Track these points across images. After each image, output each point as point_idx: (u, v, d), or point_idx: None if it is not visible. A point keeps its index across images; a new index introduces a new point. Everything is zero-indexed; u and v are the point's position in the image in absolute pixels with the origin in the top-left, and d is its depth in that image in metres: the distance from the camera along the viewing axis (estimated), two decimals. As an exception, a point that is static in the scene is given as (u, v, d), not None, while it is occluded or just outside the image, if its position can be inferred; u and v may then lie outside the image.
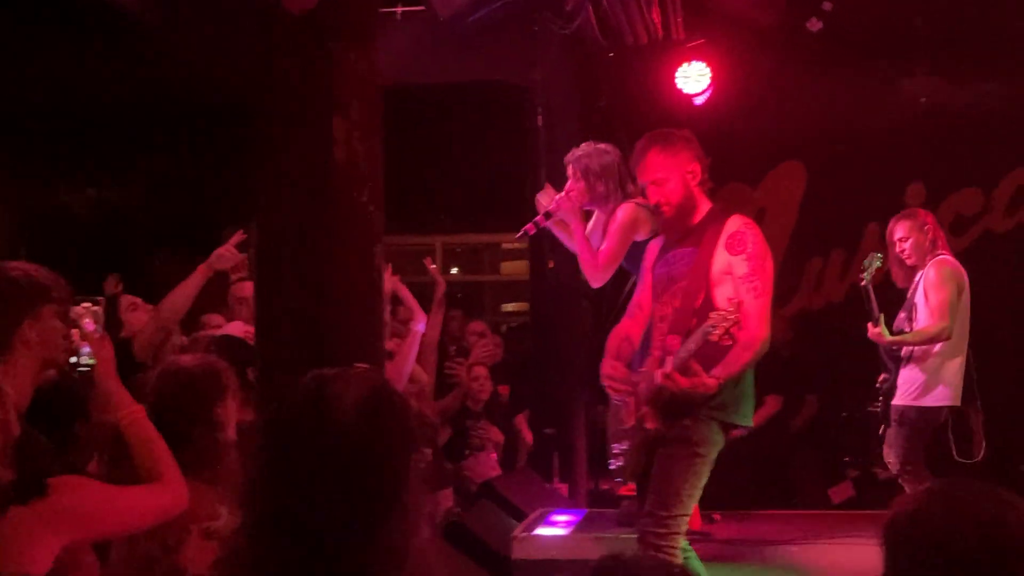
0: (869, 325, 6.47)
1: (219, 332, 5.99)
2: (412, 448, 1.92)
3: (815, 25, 7.75)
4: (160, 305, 5.21)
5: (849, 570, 6.42)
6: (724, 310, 4.18)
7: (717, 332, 4.11)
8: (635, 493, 7.65)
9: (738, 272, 4.44)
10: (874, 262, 6.63)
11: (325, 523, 1.77)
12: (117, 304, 5.42)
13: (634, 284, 5.29)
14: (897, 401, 6.46)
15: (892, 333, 6.48)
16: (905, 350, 6.45)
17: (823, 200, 9.53)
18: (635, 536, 4.59)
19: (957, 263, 6.64)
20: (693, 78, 8.72)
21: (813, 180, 9.64)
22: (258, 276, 3.79)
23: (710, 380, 4.25)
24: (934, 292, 6.36)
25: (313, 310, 3.63)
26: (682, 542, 4.57)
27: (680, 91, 8.82)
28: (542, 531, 5.52)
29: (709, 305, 4.39)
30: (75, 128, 10.13)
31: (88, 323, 3.05)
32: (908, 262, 6.50)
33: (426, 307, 9.68)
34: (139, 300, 5.63)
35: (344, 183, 3.66)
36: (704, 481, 4.53)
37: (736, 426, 4.60)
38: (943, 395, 6.37)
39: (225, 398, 3.27)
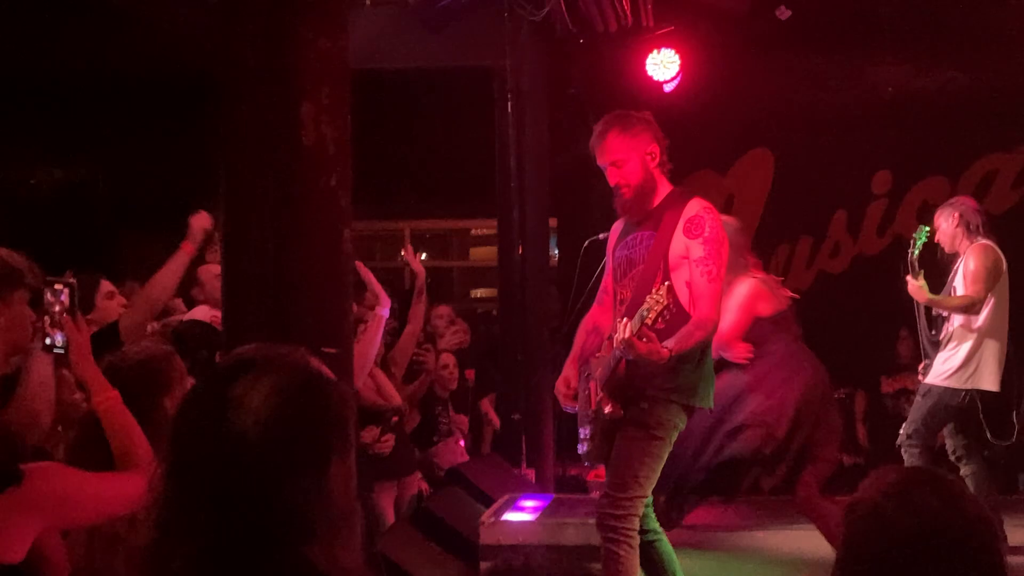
0: (908, 278, 6.55)
1: (186, 317, 5.97)
2: (332, 449, 1.73)
3: (784, 13, 7.77)
4: (148, 287, 5.12)
5: (814, 555, 6.48)
6: (655, 294, 4.16)
7: (651, 316, 4.12)
8: (604, 479, 7.72)
9: (694, 255, 4.42)
10: (922, 235, 6.68)
11: (224, 535, 1.65)
12: (96, 288, 5.35)
13: (603, 270, 5.23)
14: (929, 380, 6.52)
15: (929, 317, 6.59)
16: (944, 334, 6.51)
17: (791, 187, 9.59)
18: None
19: (997, 249, 6.65)
20: (663, 65, 8.73)
21: (781, 167, 9.70)
22: (224, 260, 3.77)
23: (663, 350, 4.21)
24: (972, 263, 6.42)
25: (280, 295, 3.61)
26: (654, 524, 4.61)
27: (650, 78, 8.83)
28: (510, 516, 5.53)
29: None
30: (42, 107, 10.02)
31: (58, 308, 3.02)
32: (948, 250, 6.57)
33: (396, 293, 9.69)
34: (115, 289, 5.59)
35: (312, 167, 3.63)
36: (662, 464, 4.49)
37: (696, 408, 4.57)
38: (974, 378, 6.41)
39: (172, 387, 3.23)
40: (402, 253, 7.36)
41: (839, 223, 9.85)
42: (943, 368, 6.41)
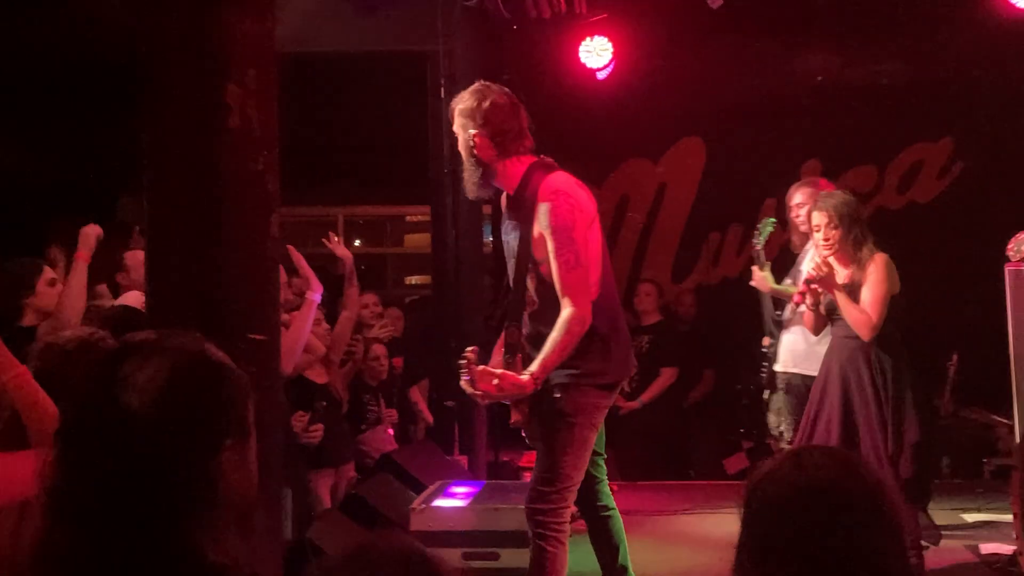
0: (754, 269, 6.61)
1: (117, 303, 5.89)
2: (224, 430, 1.71)
3: (715, 2, 7.82)
4: (58, 309, 5.15)
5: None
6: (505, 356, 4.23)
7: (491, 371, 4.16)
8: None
9: (549, 248, 4.24)
10: (767, 227, 6.75)
11: (112, 516, 1.63)
12: (39, 274, 5.32)
13: None
14: (780, 367, 6.59)
15: (773, 299, 6.68)
16: (787, 316, 6.59)
17: (722, 175, 9.68)
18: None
19: None
20: (596, 53, 8.77)
21: (712, 156, 9.78)
22: (149, 246, 3.71)
23: (525, 381, 4.15)
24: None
25: (207, 281, 3.57)
26: (608, 500, 4.54)
27: (583, 65, 8.87)
28: (440, 503, 5.53)
29: (542, 288, 4.29)
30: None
31: None
32: (802, 228, 6.59)
33: (329, 279, 9.63)
34: (56, 277, 5.53)
35: (238, 151, 3.59)
36: (588, 448, 4.38)
37: (614, 385, 4.44)
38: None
39: None
40: (330, 236, 7.29)
41: (769, 211, 9.94)
42: (793, 356, 6.49)
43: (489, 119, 4.36)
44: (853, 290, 5.61)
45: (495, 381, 4.13)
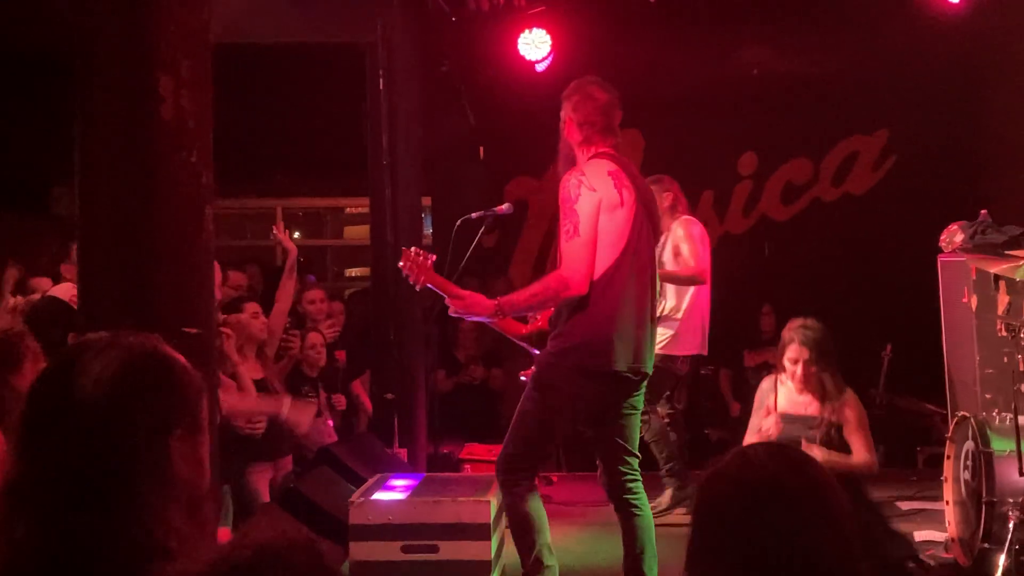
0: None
1: (49, 294, 5.81)
2: (174, 421, 1.79)
3: (653, -5, 7.86)
4: None
5: (684, 528, 6.61)
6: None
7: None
8: (477, 455, 7.74)
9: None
10: None
11: (66, 500, 1.70)
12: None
13: (475, 247, 5.57)
14: None
15: None
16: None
17: (659, 168, 9.68)
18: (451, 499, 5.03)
19: (703, 226, 6.86)
20: (534, 45, 8.77)
21: (650, 148, 9.81)
22: (80, 238, 3.66)
23: (490, 304, 4.56)
24: (689, 243, 6.56)
25: (139, 274, 3.53)
26: (636, 499, 4.63)
27: (522, 57, 8.86)
28: (379, 496, 5.49)
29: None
30: None
31: None
32: None
33: (267, 272, 9.55)
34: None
35: (171, 143, 3.55)
36: (551, 427, 4.56)
37: (600, 373, 4.45)
38: (684, 345, 6.67)
39: (22, 365, 3.19)
40: (273, 231, 7.24)
41: (706, 203, 10.03)
42: (659, 339, 6.57)
43: (579, 107, 4.70)
44: (831, 427, 5.59)
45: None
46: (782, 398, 5.73)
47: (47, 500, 1.70)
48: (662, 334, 6.50)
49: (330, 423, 7.13)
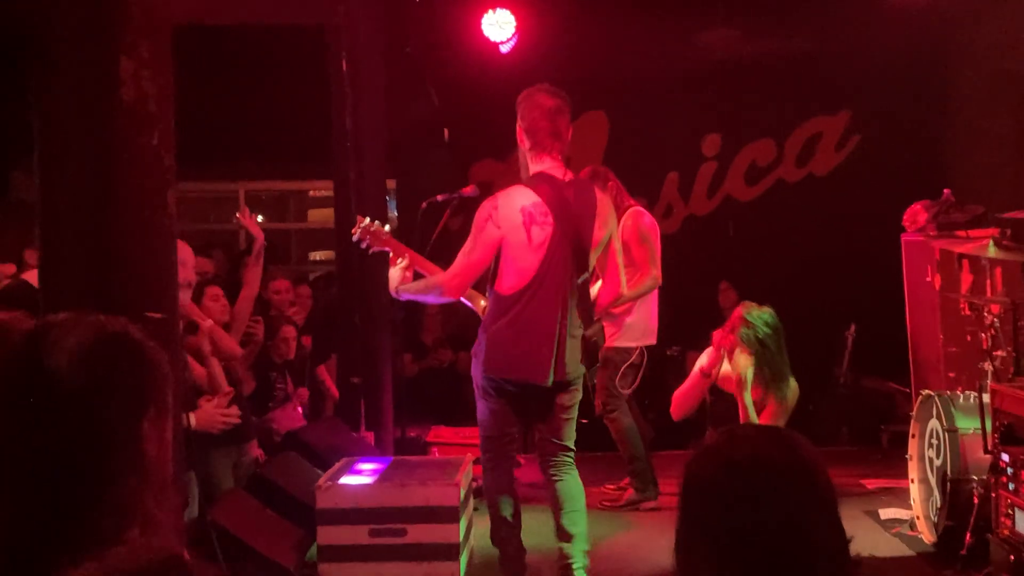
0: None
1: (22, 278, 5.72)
2: (145, 402, 1.75)
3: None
4: None
5: (645, 507, 6.64)
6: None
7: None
8: (445, 439, 7.74)
9: None
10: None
11: (37, 478, 1.66)
12: None
13: (442, 230, 5.86)
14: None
15: None
16: None
17: (625, 150, 9.72)
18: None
19: (652, 218, 6.86)
20: (498, 25, 8.74)
21: (615, 130, 9.82)
22: (41, 223, 3.60)
23: (394, 283, 5.11)
24: (641, 244, 6.55)
25: (101, 258, 3.47)
26: (559, 468, 4.97)
27: (486, 38, 8.82)
28: (346, 480, 5.48)
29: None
30: None
31: None
32: None
33: (230, 255, 9.48)
34: None
35: (132, 125, 3.49)
36: (493, 419, 4.93)
37: (504, 382, 4.88)
38: (634, 336, 6.66)
39: None
40: (237, 216, 7.16)
41: (671, 185, 10.05)
42: (611, 331, 6.59)
43: (526, 114, 4.96)
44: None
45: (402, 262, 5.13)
46: (723, 368, 6.38)
47: (13, 478, 1.66)
48: (613, 327, 6.53)
49: (299, 409, 7.10)
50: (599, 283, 5.23)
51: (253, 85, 10.13)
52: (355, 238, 5.25)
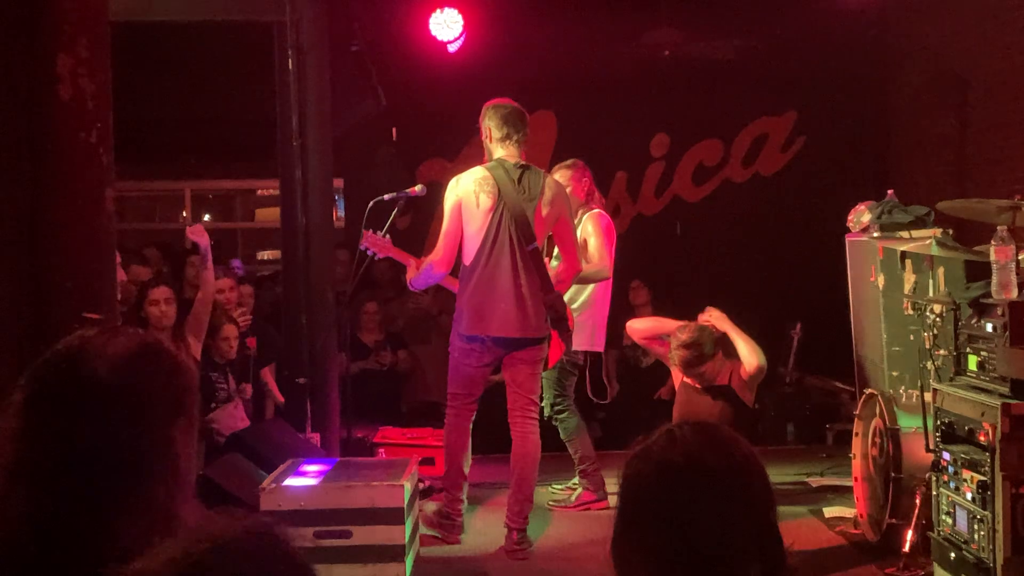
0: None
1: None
2: (178, 410, 1.80)
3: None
4: None
5: (595, 508, 6.65)
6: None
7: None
8: (391, 439, 7.70)
9: None
10: None
11: (75, 479, 1.68)
12: None
13: (388, 229, 6.24)
14: None
15: None
16: None
17: (573, 149, 9.69)
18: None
19: (611, 221, 6.89)
20: (446, 25, 8.70)
21: (564, 130, 9.81)
22: (-25, 221, 3.54)
23: (412, 263, 6.13)
24: (596, 238, 6.59)
25: (36, 257, 3.42)
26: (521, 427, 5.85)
27: (434, 37, 8.79)
28: (291, 482, 5.42)
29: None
30: None
31: None
32: None
33: (175, 255, 9.37)
34: None
35: (70, 123, 3.45)
36: (461, 375, 5.85)
37: (473, 336, 5.75)
38: (580, 340, 6.68)
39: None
40: (188, 234, 7.03)
41: (620, 185, 10.07)
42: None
43: (481, 124, 5.89)
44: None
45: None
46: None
47: (50, 482, 1.68)
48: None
49: (241, 409, 7.03)
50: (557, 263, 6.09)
51: (199, 84, 10.02)
52: (362, 246, 6.17)
